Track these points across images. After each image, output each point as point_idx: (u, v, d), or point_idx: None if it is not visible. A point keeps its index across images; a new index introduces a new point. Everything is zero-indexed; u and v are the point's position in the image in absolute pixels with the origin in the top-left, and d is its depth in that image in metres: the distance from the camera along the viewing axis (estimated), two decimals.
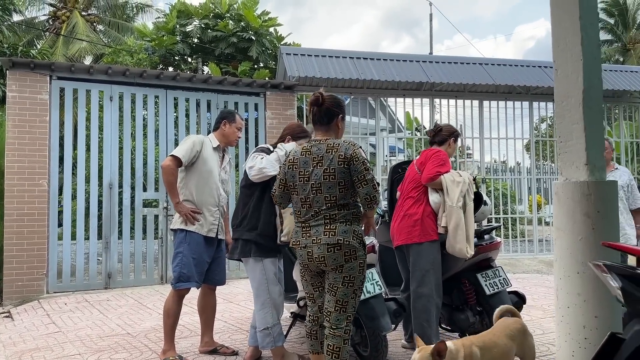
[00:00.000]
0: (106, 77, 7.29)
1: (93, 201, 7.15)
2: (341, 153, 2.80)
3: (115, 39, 19.11)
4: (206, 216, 3.87)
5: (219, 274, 4.05)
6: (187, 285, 3.79)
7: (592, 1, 2.36)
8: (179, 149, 3.83)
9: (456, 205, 3.74)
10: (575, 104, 2.29)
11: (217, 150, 4.03)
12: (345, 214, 2.83)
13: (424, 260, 3.78)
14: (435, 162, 3.88)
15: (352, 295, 2.85)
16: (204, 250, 3.86)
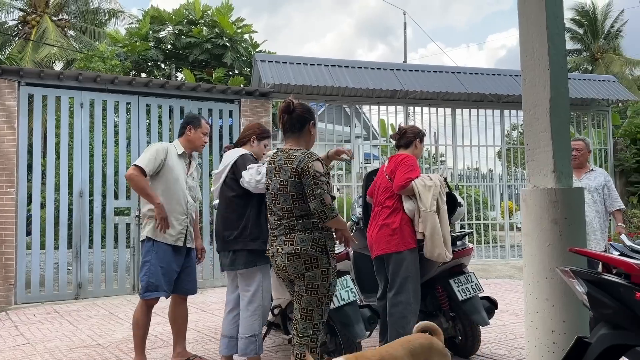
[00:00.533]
0: (77, 83, 7.17)
1: (63, 209, 7.00)
2: (294, 166, 2.80)
3: (86, 45, 18.83)
4: (174, 225, 3.80)
5: (189, 283, 3.97)
6: (155, 294, 3.71)
7: (558, 12, 2.41)
8: (142, 158, 3.75)
9: (430, 209, 3.77)
10: (543, 112, 2.34)
11: (183, 157, 3.95)
12: (304, 223, 2.83)
13: (404, 268, 3.80)
14: (404, 169, 3.89)
15: (317, 304, 2.84)
16: (173, 259, 3.79)
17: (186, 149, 3.97)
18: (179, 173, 3.87)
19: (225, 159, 3.76)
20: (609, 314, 1.89)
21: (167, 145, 3.90)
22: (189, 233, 3.92)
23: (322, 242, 2.85)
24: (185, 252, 3.92)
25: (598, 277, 1.93)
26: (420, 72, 9.52)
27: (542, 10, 2.32)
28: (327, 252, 2.86)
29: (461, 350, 4.14)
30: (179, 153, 3.91)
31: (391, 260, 3.86)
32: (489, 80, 9.66)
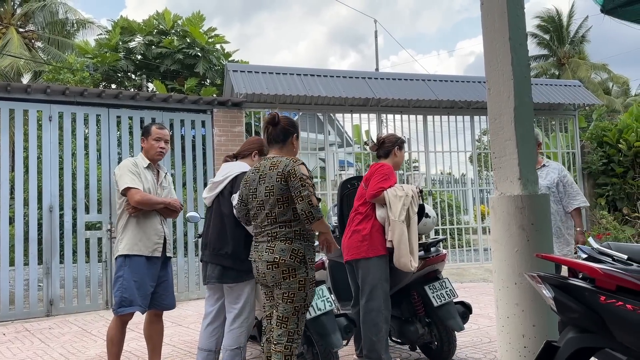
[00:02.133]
0: (45, 96, 7.04)
1: (32, 225, 6.85)
2: (280, 170, 2.91)
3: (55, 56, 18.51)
4: (150, 235, 3.74)
5: (167, 297, 3.87)
6: (129, 310, 3.62)
7: (520, 24, 2.48)
8: (128, 180, 3.69)
9: (398, 219, 3.82)
10: (508, 121, 2.40)
11: (150, 168, 3.89)
12: (286, 232, 2.90)
13: (372, 275, 3.84)
14: (378, 177, 3.95)
15: (292, 312, 2.89)
16: (146, 273, 3.70)
17: (149, 160, 3.90)
18: (150, 185, 3.83)
19: (225, 170, 3.71)
20: (576, 317, 1.94)
21: (134, 160, 3.86)
22: (167, 243, 3.85)
23: (302, 253, 2.91)
24: (162, 264, 3.83)
25: (564, 282, 1.98)
26: (391, 80, 9.64)
27: (504, 22, 2.38)
28: (306, 262, 2.93)
29: (437, 356, 4.19)
30: (145, 166, 3.86)
31: (360, 267, 3.91)
32: (458, 87, 9.83)
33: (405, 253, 3.78)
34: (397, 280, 4.09)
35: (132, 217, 3.71)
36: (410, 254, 3.80)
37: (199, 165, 8.04)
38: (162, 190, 3.94)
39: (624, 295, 1.82)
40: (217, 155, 7.96)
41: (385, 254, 3.89)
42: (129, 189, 3.66)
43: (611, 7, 3.27)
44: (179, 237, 7.73)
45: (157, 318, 3.91)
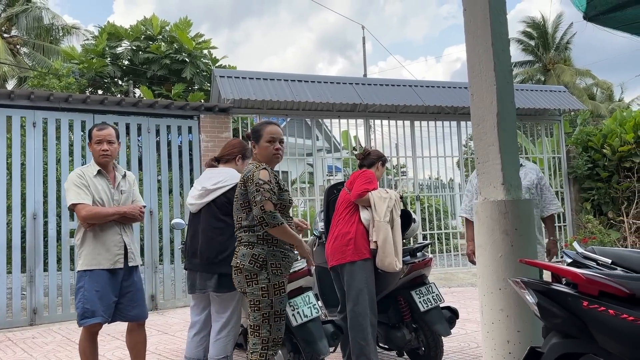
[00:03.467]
0: (29, 102, 6.96)
1: (16, 232, 6.75)
2: (242, 175, 3.04)
3: (40, 62, 18.34)
4: (109, 247, 3.58)
5: (134, 309, 3.67)
6: (92, 321, 3.47)
7: (503, 30, 2.50)
8: (72, 196, 3.54)
9: (383, 220, 3.88)
10: (491, 126, 2.41)
11: (101, 174, 3.70)
12: (249, 237, 2.97)
13: (358, 279, 3.85)
14: (362, 180, 4.05)
15: (261, 319, 2.90)
16: (108, 283, 3.55)
17: (100, 166, 3.71)
18: (101, 194, 3.64)
19: (209, 175, 3.64)
20: (559, 323, 1.94)
21: (81, 170, 3.69)
22: (129, 250, 3.67)
23: (262, 258, 2.93)
24: (125, 274, 3.66)
25: (547, 288, 1.98)
26: (379, 86, 9.67)
27: (487, 29, 2.40)
28: (267, 268, 2.93)
29: None
30: (94, 174, 3.67)
31: (345, 271, 3.92)
32: (445, 93, 9.89)
33: (390, 253, 3.83)
34: (384, 286, 4.09)
35: (88, 231, 3.56)
36: (395, 255, 3.83)
37: (186, 171, 7.98)
38: (121, 195, 3.74)
39: (607, 300, 1.82)
40: (204, 161, 7.91)
41: (369, 258, 3.91)
42: (75, 206, 3.52)
43: (593, 14, 3.30)
44: (165, 244, 7.67)
45: (138, 327, 3.78)
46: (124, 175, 3.85)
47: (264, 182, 2.89)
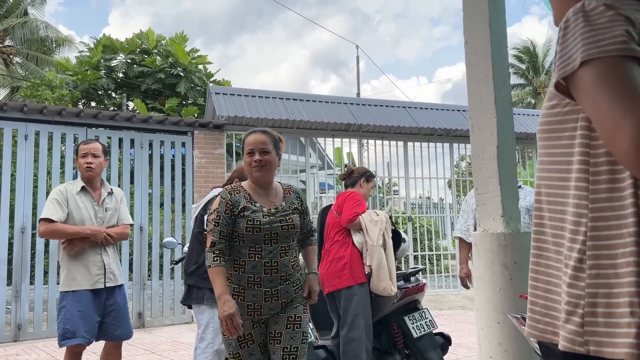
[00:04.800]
0: (21, 115, 6.91)
1: (3, 245, 6.64)
2: None
3: (33, 72, 18.26)
4: (89, 268, 3.53)
5: (118, 328, 3.63)
6: (72, 342, 3.40)
7: (503, 62, 2.52)
8: (45, 211, 3.51)
9: (377, 243, 3.85)
10: (490, 158, 2.42)
11: (85, 191, 3.67)
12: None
13: (354, 304, 3.82)
14: (351, 203, 3.99)
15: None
16: (91, 303, 3.51)
17: (85, 182, 3.68)
18: (83, 211, 3.61)
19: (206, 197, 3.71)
20: None
21: (65, 186, 3.66)
22: (109, 271, 3.61)
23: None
24: (108, 293, 3.62)
25: None
26: (373, 106, 9.73)
27: (488, 61, 2.42)
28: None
29: None
30: (77, 190, 3.64)
31: (342, 296, 3.87)
32: (438, 115, 9.97)
33: (385, 277, 3.80)
34: (377, 311, 4.06)
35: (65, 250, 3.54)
36: (390, 279, 3.81)
37: (178, 186, 7.94)
38: (105, 212, 3.70)
39: None
40: (197, 177, 7.88)
41: (365, 282, 3.88)
42: (40, 220, 3.52)
43: None
44: (154, 260, 7.59)
45: (114, 349, 3.70)
46: (110, 192, 3.80)
47: (212, 212, 2.61)
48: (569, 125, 1.11)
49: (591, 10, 1.07)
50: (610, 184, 1.04)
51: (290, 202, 2.64)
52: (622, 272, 0.99)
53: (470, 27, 2.51)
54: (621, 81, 0.98)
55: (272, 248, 2.49)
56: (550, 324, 1.14)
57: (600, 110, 1.00)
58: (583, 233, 1.05)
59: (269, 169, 2.57)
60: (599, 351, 1.00)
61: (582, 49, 1.03)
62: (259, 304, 2.48)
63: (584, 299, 1.03)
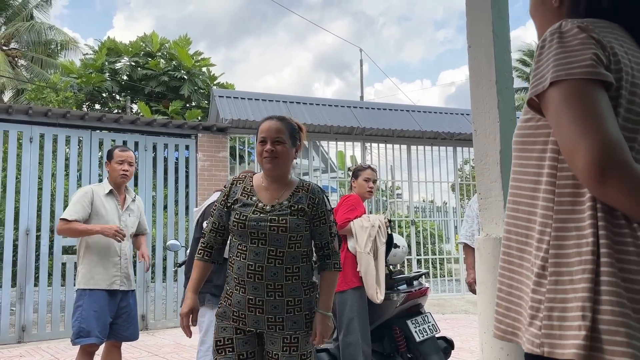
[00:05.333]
0: (26, 117, 6.95)
1: (8, 247, 6.67)
2: None
3: (38, 75, 18.35)
4: (108, 269, 3.67)
5: (128, 329, 3.80)
6: (87, 340, 3.52)
7: (507, 67, 2.53)
8: (69, 210, 3.64)
9: (364, 250, 3.84)
10: (493, 163, 2.42)
11: (112, 195, 3.81)
12: None
13: (348, 308, 3.82)
14: (344, 208, 4.02)
15: None
16: (106, 304, 3.64)
17: (113, 186, 3.84)
18: (108, 214, 3.74)
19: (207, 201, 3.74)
20: None
21: (92, 187, 3.79)
22: (124, 274, 3.77)
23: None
24: (123, 295, 3.78)
25: None
26: (376, 110, 9.75)
27: (491, 66, 2.42)
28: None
29: None
30: (106, 192, 3.78)
31: (336, 301, 3.88)
32: (442, 118, 9.97)
33: (371, 284, 3.80)
34: (379, 315, 4.07)
35: (87, 251, 3.66)
36: (377, 286, 3.79)
37: (181, 189, 7.96)
38: (129, 217, 3.87)
39: None
40: (201, 179, 7.90)
41: (360, 286, 3.88)
42: (62, 219, 3.62)
43: None
44: (158, 262, 7.60)
45: (115, 349, 3.82)
46: (134, 199, 3.97)
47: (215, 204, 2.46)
48: (540, 139, 1.18)
49: (566, 32, 1.12)
50: (573, 197, 1.10)
51: (295, 201, 2.27)
52: (577, 279, 1.05)
53: (474, 32, 2.52)
54: (583, 103, 1.04)
55: (259, 250, 2.20)
56: (510, 325, 1.21)
57: (562, 129, 1.07)
58: (547, 242, 1.12)
59: (282, 160, 2.28)
60: (552, 352, 1.06)
61: (553, 70, 1.09)
62: (243, 312, 2.23)
63: (543, 304, 1.09)
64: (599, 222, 1.05)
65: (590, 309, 1.02)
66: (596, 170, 1.00)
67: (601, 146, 1.00)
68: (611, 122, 1.03)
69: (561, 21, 1.15)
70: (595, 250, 1.04)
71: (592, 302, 1.02)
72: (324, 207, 2.34)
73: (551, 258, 1.09)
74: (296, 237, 2.22)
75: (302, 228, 2.24)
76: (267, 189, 2.32)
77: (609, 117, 1.04)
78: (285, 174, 2.34)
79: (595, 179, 1.01)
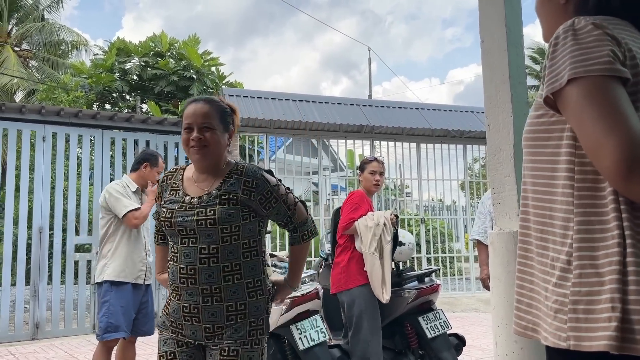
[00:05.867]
0: (39, 117, 7.02)
1: (21, 245, 6.75)
2: None
3: (49, 75, 18.50)
4: (136, 263, 3.77)
5: (146, 324, 3.88)
6: (115, 335, 3.62)
7: (520, 62, 2.53)
8: (125, 202, 3.72)
9: (369, 251, 3.81)
10: (507, 157, 2.42)
11: (137, 193, 3.91)
12: None
13: (356, 306, 3.81)
14: (347, 208, 3.96)
15: None
16: (131, 299, 3.73)
17: (138, 185, 3.93)
18: None
19: None
20: None
21: (122, 183, 3.88)
22: (149, 269, 3.88)
23: None
24: (144, 290, 3.87)
25: None
26: (385, 108, 9.75)
27: (504, 61, 2.43)
28: None
29: None
30: (133, 190, 3.87)
31: (343, 298, 3.90)
32: (451, 116, 9.95)
33: (377, 284, 3.77)
34: (390, 311, 4.07)
35: (123, 242, 3.74)
36: (383, 285, 3.77)
37: None
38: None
39: None
40: None
41: (366, 283, 3.84)
42: (128, 213, 3.70)
43: None
44: None
45: (130, 345, 3.89)
46: None
47: None
48: (554, 134, 1.18)
49: (580, 29, 1.12)
50: (593, 191, 1.11)
51: (226, 189, 1.96)
52: (605, 271, 1.06)
53: (487, 27, 2.52)
54: (604, 100, 1.04)
55: (190, 250, 1.92)
56: (531, 322, 1.22)
57: (584, 127, 1.06)
58: (570, 237, 1.12)
59: (212, 149, 1.97)
60: (578, 345, 1.06)
61: (570, 67, 1.08)
62: (180, 321, 1.96)
63: (568, 297, 1.10)
64: (623, 214, 1.06)
65: (620, 300, 1.02)
66: (623, 168, 1.00)
67: (627, 144, 1.00)
68: (634, 118, 1.04)
69: (573, 18, 1.15)
70: (621, 242, 1.05)
71: (621, 293, 1.03)
72: (267, 186, 2.00)
73: (575, 252, 1.10)
74: (230, 228, 1.91)
75: (236, 217, 1.93)
76: (197, 181, 2.03)
77: (631, 114, 1.04)
78: (217, 163, 2.02)
79: (623, 176, 1.01)
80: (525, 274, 1.25)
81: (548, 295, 1.15)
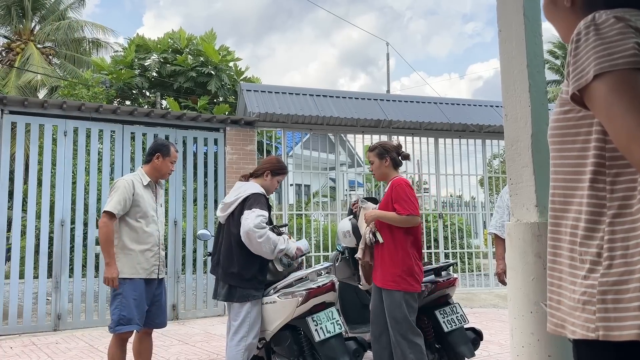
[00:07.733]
0: (61, 112, 7.14)
1: (43, 238, 6.88)
2: None
3: (71, 72, 18.80)
4: (148, 258, 3.74)
5: (159, 316, 3.90)
6: (128, 328, 3.62)
7: (538, 51, 2.49)
8: (113, 201, 3.65)
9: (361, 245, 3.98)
10: (525, 147, 2.39)
11: (149, 186, 3.87)
12: None
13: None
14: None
15: None
16: (144, 292, 3.72)
17: (151, 178, 3.88)
18: (147, 205, 3.79)
19: (237, 190, 3.73)
20: None
21: (132, 178, 3.80)
22: (162, 263, 3.87)
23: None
24: (157, 284, 3.87)
25: None
26: (403, 102, 9.68)
27: (522, 49, 2.40)
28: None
29: None
30: (144, 184, 3.82)
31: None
32: (470, 110, 9.84)
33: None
34: None
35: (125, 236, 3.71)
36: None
37: (210, 182, 8.07)
38: (160, 207, 3.97)
39: None
40: (229, 173, 7.99)
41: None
42: (106, 212, 3.64)
43: None
44: (188, 254, 7.72)
45: (146, 336, 3.92)
46: (162, 194, 4.08)
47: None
48: (582, 129, 1.18)
49: (602, 23, 1.11)
50: (628, 184, 1.11)
51: None
52: (634, 261, 1.06)
53: (505, 15, 2.49)
54: (633, 93, 1.03)
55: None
56: (560, 318, 1.22)
57: (614, 121, 1.05)
58: (602, 230, 1.12)
59: None
60: (607, 335, 1.06)
61: (595, 62, 1.07)
62: None
63: (596, 288, 1.10)
64: None
65: None
66: None
67: None
68: None
69: (593, 13, 1.14)
70: None
71: None
72: None
73: (607, 244, 1.10)
74: None
75: None
76: None
77: None
78: None
79: None
80: (555, 271, 1.25)
81: (576, 289, 1.15)
